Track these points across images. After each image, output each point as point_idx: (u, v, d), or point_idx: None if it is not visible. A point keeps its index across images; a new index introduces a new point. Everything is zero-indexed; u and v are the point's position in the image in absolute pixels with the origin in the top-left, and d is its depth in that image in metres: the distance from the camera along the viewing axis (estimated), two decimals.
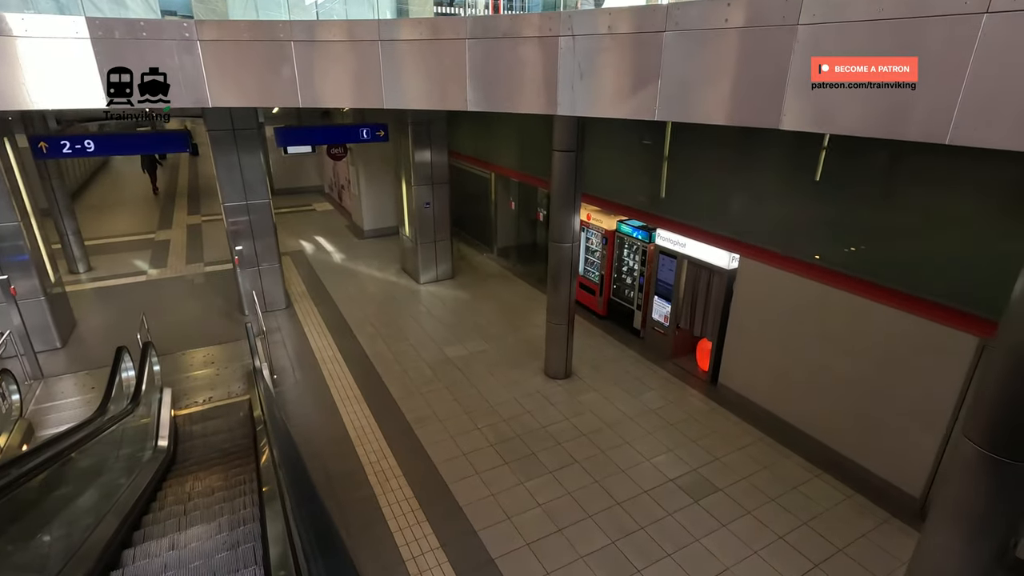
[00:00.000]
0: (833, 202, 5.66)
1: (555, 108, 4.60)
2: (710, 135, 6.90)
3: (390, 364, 8.16)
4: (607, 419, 6.88)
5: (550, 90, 4.56)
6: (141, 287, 11.21)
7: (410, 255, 11.53)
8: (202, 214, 16.99)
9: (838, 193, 5.61)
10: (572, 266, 7.21)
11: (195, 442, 6.55)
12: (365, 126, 10.01)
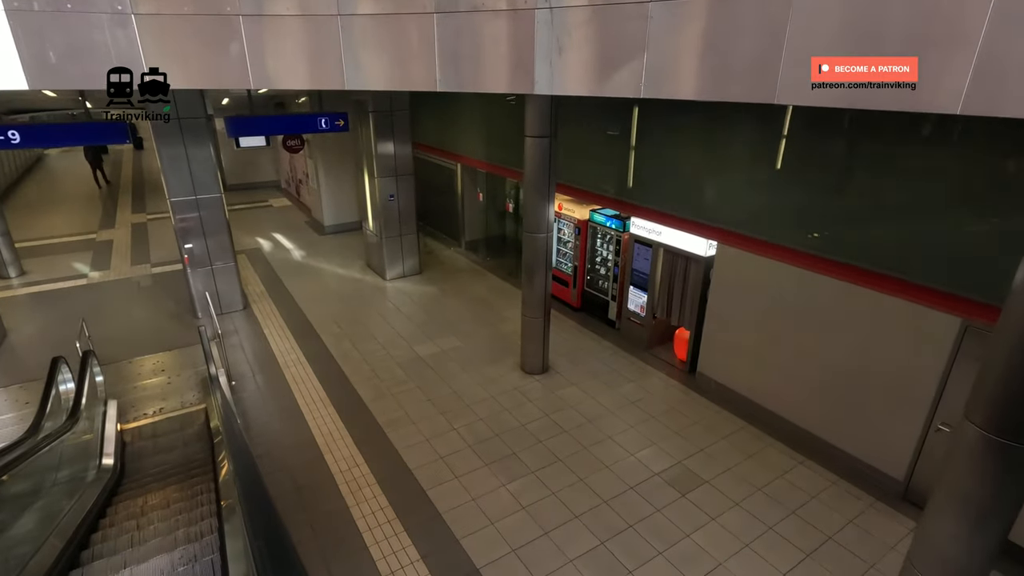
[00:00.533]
0: (809, 184, 5.57)
1: (531, 87, 4.32)
2: (682, 119, 6.75)
3: (358, 365, 7.74)
4: (588, 414, 6.67)
5: (526, 67, 4.27)
6: (81, 291, 10.38)
7: (375, 250, 11.06)
8: (148, 212, 15.99)
9: (814, 175, 5.53)
10: (547, 257, 6.95)
11: (146, 459, 6.00)
12: (323, 115, 9.45)
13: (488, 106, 10.47)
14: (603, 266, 8.91)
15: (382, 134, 9.86)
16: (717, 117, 6.42)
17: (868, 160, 5.10)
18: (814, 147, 5.51)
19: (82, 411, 5.49)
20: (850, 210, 5.31)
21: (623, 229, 8.22)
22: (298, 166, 16.34)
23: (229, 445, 4.81)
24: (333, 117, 9.51)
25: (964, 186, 4.51)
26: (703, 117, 6.60)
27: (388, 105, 9.73)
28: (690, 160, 6.81)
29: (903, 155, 4.81)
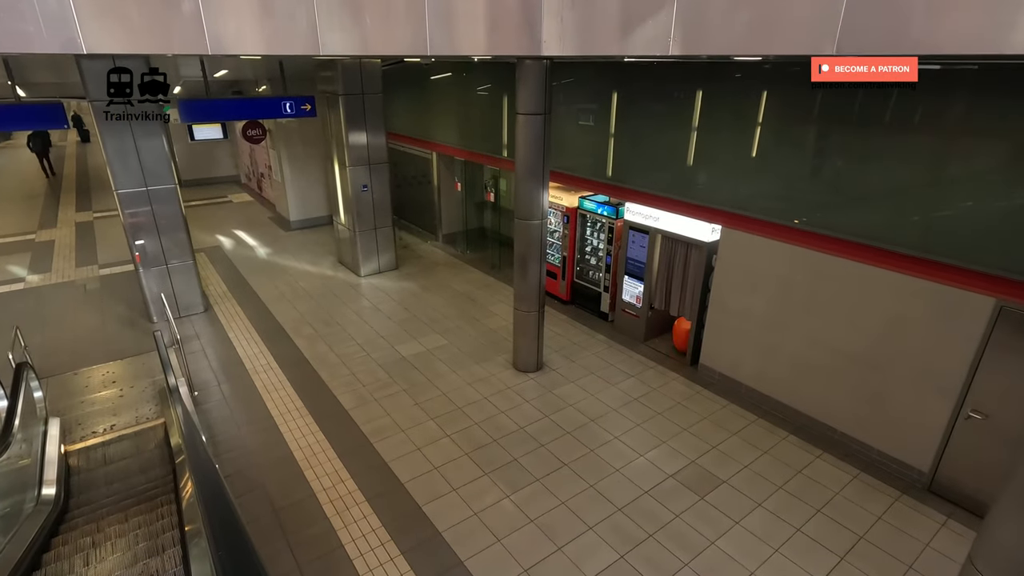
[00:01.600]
0: (826, 159, 5.23)
1: (538, 47, 3.80)
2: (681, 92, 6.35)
3: (336, 368, 7.09)
4: (590, 413, 6.22)
5: (532, 24, 3.75)
6: (17, 296, 9.34)
7: (347, 245, 10.36)
8: (94, 210, 14.77)
9: (832, 148, 5.19)
10: (542, 246, 6.45)
11: (96, 484, 5.25)
12: (288, 99, 8.73)
13: (467, 89, 9.88)
14: (594, 256, 8.47)
15: (353, 119, 9.16)
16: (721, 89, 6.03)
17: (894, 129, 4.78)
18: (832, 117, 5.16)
19: (15, 433, 4.71)
20: (870, 186, 4.98)
21: (616, 216, 7.79)
22: (260, 159, 15.37)
23: (192, 464, 4.16)
24: (299, 101, 8.81)
25: (1002, 155, 4.21)
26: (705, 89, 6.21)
27: (359, 87, 9.04)
28: (691, 139, 6.40)
29: (932, 121, 4.49)
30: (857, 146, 5.04)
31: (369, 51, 4.23)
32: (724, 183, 6.12)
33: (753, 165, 5.87)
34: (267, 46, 4.37)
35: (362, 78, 9.02)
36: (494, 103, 9.38)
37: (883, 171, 4.89)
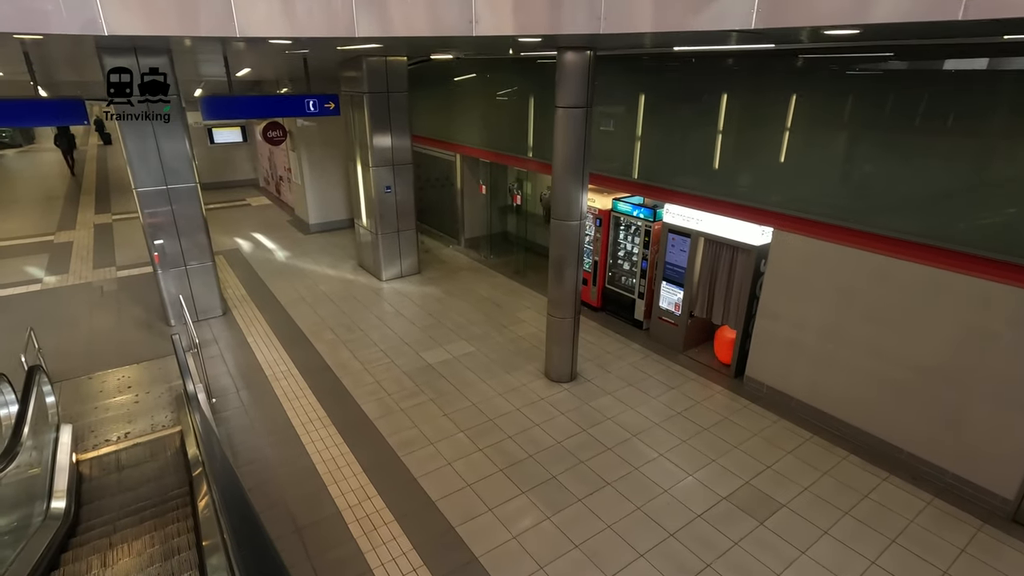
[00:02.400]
0: (893, 154, 4.82)
1: (597, 24, 3.46)
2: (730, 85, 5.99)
3: (360, 376, 6.75)
4: (631, 427, 5.80)
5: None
6: (34, 297, 9.15)
7: (369, 249, 10.06)
8: (113, 212, 14.67)
9: (899, 143, 4.78)
10: (580, 248, 6.08)
11: (109, 496, 4.93)
12: (312, 97, 8.47)
13: (492, 89, 9.60)
14: (627, 260, 8.08)
15: (378, 118, 8.89)
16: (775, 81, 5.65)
17: (970, 122, 4.36)
18: (903, 109, 4.76)
19: (23, 441, 4.41)
20: (944, 184, 4.56)
21: (654, 218, 7.40)
22: (279, 162, 15.21)
23: (212, 473, 3.80)
24: (323, 99, 8.55)
25: None
26: (756, 82, 5.83)
27: (385, 86, 8.77)
28: (741, 135, 6.03)
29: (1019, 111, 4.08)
30: (929, 141, 4.63)
31: (409, 31, 3.91)
32: (777, 182, 5.73)
33: (811, 163, 5.48)
34: (299, 28, 4.07)
35: (387, 76, 8.75)
36: (520, 103, 9.08)
37: (958, 168, 4.48)
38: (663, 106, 6.84)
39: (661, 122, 6.89)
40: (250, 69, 10.38)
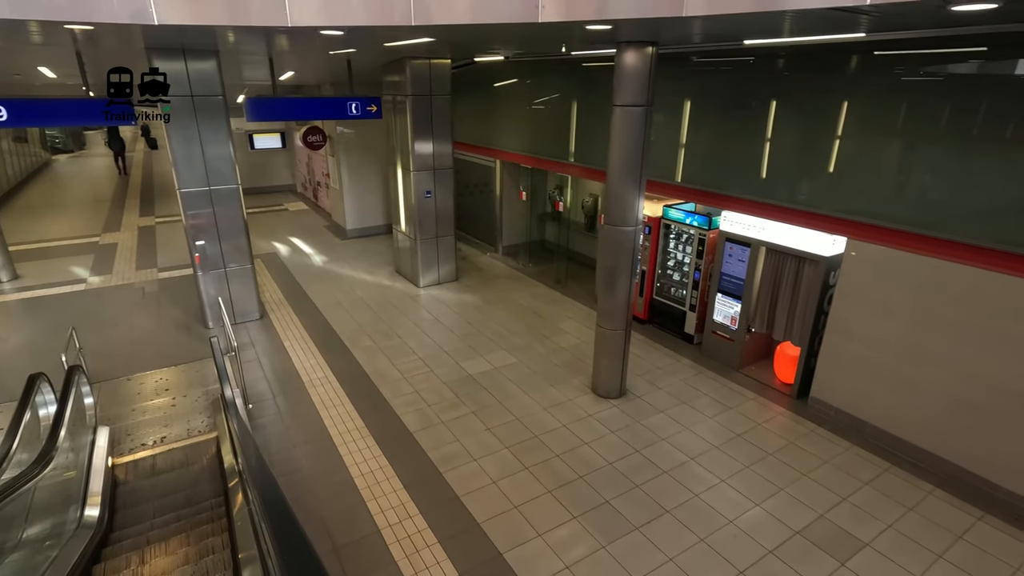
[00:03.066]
0: (993, 157, 4.35)
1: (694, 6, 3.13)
2: (803, 80, 5.58)
3: (398, 385, 6.50)
4: (688, 450, 5.38)
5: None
6: (78, 297, 9.23)
7: (407, 255, 9.88)
8: (156, 215, 14.93)
9: (999, 145, 4.30)
10: (634, 256, 5.72)
11: (143, 503, 4.76)
12: (354, 99, 8.36)
13: (534, 93, 9.36)
14: (678, 271, 7.67)
15: (420, 122, 8.72)
16: (852, 76, 5.23)
17: None
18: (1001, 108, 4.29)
19: (60, 444, 4.27)
20: None
21: (709, 226, 7.00)
22: (317, 168, 15.28)
23: (252, 482, 3.54)
24: (365, 102, 8.43)
25: None
26: (829, 77, 5.41)
27: (428, 88, 8.60)
28: (811, 136, 5.61)
29: None
30: None
31: (470, 18, 3.66)
32: (853, 188, 5.28)
33: (894, 166, 5.02)
34: (354, 17, 3.85)
35: (431, 78, 8.58)
36: (563, 106, 8.81)
37: None
38: (721, 107, 6.47)
39: (719, 124, 6.51)
40: (293, 72, 10.38)
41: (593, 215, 10.46)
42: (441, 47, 7.05)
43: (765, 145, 5.98)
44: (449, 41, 5.56)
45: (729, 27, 4.02)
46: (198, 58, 6.78)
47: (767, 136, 5.95)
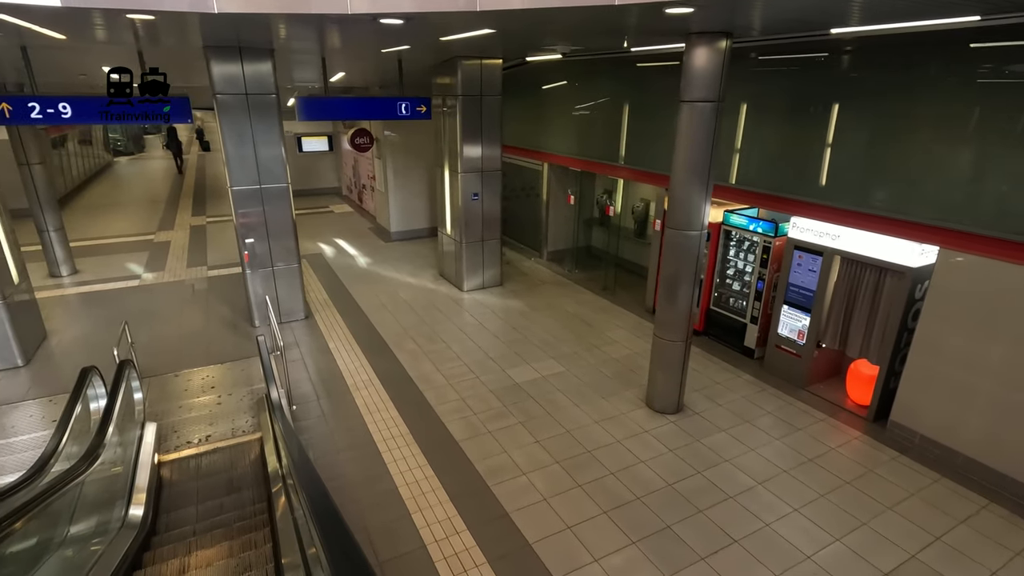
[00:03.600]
0: None
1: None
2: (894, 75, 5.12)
3: (443, 391, 6.29)
4: (754, 473, 4.96)
5: None
6: (132, 293, 9.42)
7: (451, 258, 9.72)
8: (208, 215, 15.30)
9: None
10: (698, 262, 5.35)
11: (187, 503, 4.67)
12: (404, 100, 8.29)
13: (584, 94, 9.09)
14: (738, 280, 7.23)
15: (469, 122, 8.56)
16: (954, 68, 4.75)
17: None
18: None
19: (108, 440, 4.20)
20: None
21: (775, 233, 6.55)
22: (363, 170, 15.39)
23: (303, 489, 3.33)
24: (414, 102, 8.35)
25: None
26: (921, 70, 4.94)
27: (478, 88, 8.44)
28: (899, 136, 5.14)
29: None
30: None
31: (535, 2, 3.41)
32: (949, 192, 4.79)
33: (999, 168, 4.52)
34: (418, 3, 3.67)
35: (482, 78, 8.42)
36: (613, 108, 8.51)
37: None
38: (790, 105, 6.04)
39: (788, 123, 6.09)
40: (343, 74, 10.41)
41: (644, 220, 10.09)
42: (494, 45, 6.85)
43: (843, 146, 5.53)
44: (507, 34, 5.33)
45: (827, 5, 3.65)
46: (253, 58, 6.79)
47: (845, 136, 5.50)
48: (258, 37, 5.95)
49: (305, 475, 3.40)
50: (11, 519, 2.98)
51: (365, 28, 4.79)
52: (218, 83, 6.76)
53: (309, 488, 3.16)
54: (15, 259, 6.98)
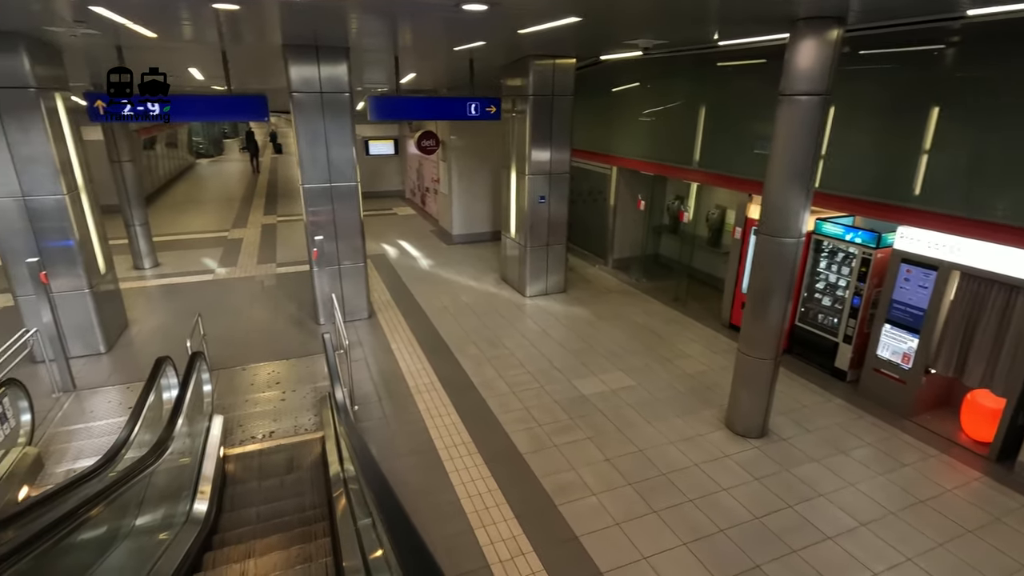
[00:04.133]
0: None
1: None
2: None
3: (506, 400, 6.03)
4: (857, 512, 4.40)
5: None
6: (206, 287, 9.75)
7: (514, 263, 9.49)
8: (278, 214, 15.83)
9: None
10: (793, 273, 4.85)
11: (250, 500, 4.61)
12: (474, 100, 8.17)
13: (658, 95, 8.66)
14: (830, 295, 6.60)
15: (539, 123, 8.33)
16: None
17: None
18: None
19: (177, 431, 4.19)
20: None
21: (877, 244, 5.92)
22: (427, 173, 15.49)
23: (371, 492, 3.09)
24: (484, 103, 8.21)
25: None
26: None
27: (550, 89, 8.20)
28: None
29: None
30: None
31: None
32: None
33: None
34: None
35: (554, 78, 8.17)
36: (690, 109, 8.05)
37: None
38: (902, 101, 5.43)
39: (899, 121, 5.47)
40: (412, 75, 10.44)
41: (719, 228, 9.51)
42: (574, 38, 6.55)
43: (968, 147, 4.89)
44: (591, 24, 5.03)
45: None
46: (329, 57, 6.82)
47: (967, 136, 4.86)
48: (334, 33, 5.94)
49: (377, 483, 3.19)
50: (87, 506, 2.94)
51: (442, 21, 4.63)
52: (295, 82, 6.83)
53: (382, 497, 2.94)
54: (103, 251, 7.29)
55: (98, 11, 4.19)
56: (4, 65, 5.70)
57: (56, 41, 6.15)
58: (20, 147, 5.99)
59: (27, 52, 5.73)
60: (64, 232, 6.46)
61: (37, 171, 6.12)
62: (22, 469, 4.59)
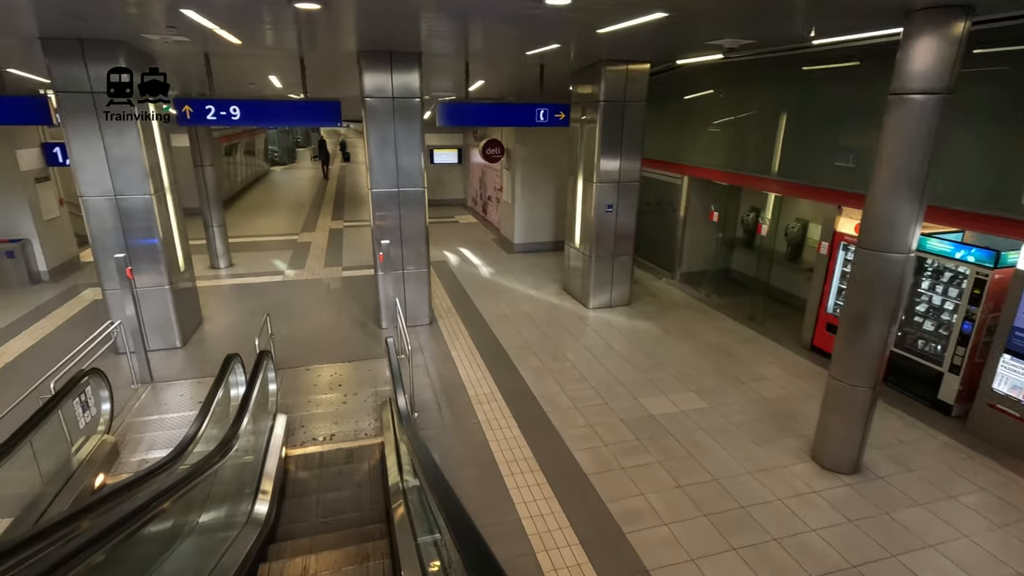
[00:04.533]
0: None
1: None
2: None
3: (569, 415, 5.76)
4: (974, 569, 3.83)
5: None
6: (275, 287, 10.04)
7: (577, 273, 9.22)
8: (345, 219, 16.28)
9: None
10: (900, 292, 4.35)
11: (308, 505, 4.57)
12: (543, 106, 8.01)
13: (734, 102, 8.20)
14: (933, 318, 5.95)
15: (610, 129, 8.07)
16: None
17: None
18: None
19: (244, 428, 4.20)
20: None
21: (995, 264, 5.27)
22: (490, 182, 15.49)
23: (446, 513, 2.89)
24: (553, 109, 8.05)
25: None
26: None
27: (622, 95, 7.93)
28: None
29: None
30: None
31: None
32: None
33: None
34: None
35: (626, 84, 7.91)
36: (769, 116, 7.55)
37: None
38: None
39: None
40: (481, 83, 10.43)
41: (800, 243, 8.89)
42: (655, 39, 6.25)
43: None
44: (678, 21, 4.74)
45: None
46: (401, 63, 6.86)
47: None
48: (408, 37, 5.94)
49: (448, 503, 2.99)
50: (157, 501, 2.93)
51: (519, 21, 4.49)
52: (368, 87, 6.91)
53: (452, 515, 2.74)
54: (184, 250, 7.61)
55: (187, 14, 4.32)
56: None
57: (151, 50, 6.48)
58: (114, 149, 6.33)
59: (125, 60, 6.05)
60: (149, 231, 6.76)
61: (128, 172, 6.44)
62: (100, 456, 4.75)
